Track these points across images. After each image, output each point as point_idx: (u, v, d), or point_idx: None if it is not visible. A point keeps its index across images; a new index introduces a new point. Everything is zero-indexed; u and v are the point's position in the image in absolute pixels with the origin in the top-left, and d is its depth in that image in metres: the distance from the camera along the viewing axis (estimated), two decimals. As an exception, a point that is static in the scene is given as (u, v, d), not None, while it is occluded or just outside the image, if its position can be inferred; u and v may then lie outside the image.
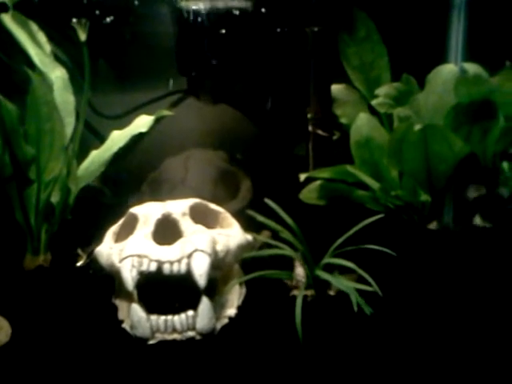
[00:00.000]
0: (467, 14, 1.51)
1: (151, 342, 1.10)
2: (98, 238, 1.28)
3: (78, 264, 1.41)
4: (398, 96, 1.36)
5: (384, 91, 1.38)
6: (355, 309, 1.07)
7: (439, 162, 1.26)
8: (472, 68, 1.41)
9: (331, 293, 1.23)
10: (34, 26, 1.42)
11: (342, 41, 1.47)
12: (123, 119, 1.62)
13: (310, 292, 1.21)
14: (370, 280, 1.12)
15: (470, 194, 1.29)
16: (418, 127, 1.18)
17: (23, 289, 1.32)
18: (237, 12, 1.55)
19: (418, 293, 1.24)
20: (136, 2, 1.52)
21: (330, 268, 1.21)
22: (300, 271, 1.25)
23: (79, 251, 1.44)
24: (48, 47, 1.42)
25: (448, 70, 1.40)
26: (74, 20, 1.21)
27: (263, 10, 1.56)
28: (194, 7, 1.55)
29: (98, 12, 1.52)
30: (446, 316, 1.16)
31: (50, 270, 1.40)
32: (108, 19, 1.55)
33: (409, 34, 1.56)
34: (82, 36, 1.24)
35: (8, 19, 1.39)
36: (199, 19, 1.56)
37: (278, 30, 1.59)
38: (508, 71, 1.32)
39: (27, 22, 1.41)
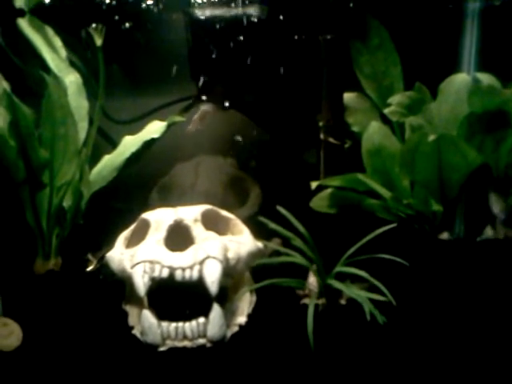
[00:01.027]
0: (480, 23, 1.51)
1: (161, 349, 1.10)
2: (108, 242, 1.28)
3: (89, 269, 1.42)
4: (411, 105, 1.36)
5: (397, 100, 1.38)
6: (368, 318, 1.06)
7: (452, 172, 1.26)
8: (485, 78, 1.41)
9: (342, 301, 1.22)
10: (50, 31, 1.43)
11: (355, 49, 1.47)
12: (134, 124, 1.62)
13: (321, 301, 1.21)
14: (384, 289, 1.11)
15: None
16: (431, 138, 1.18)
17: (34, 293, 1.33)
18: (249, 19, 1.56)
19: (429, 302, 1.23)
20: (149, 8, 1.53)
21: (341, 276, 1.20)
22: (313, 280, 1.25)
23: (89, 256, 1.44)
24: (63, 52, 1.43)
25: (461, 80, 1.41)
26: (93, 25, 1.21)
27: (276, 17, 1.56)
28: (206, 14, 1.56)
29: (111, 17, 1.53)
30: (457, 326, 1.16)
31: (61, 274, 1.40)
32: (121, 25, 1.55)
33: (422, 42, 1.55)
34: (98, 41, 1.24)
35: (25, 24, 1.40)
36: (212, 26, 1.57)
37: (291, 37, 1.59)
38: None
39: (43, 26, 1.42)
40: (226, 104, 1.66)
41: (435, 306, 1.22)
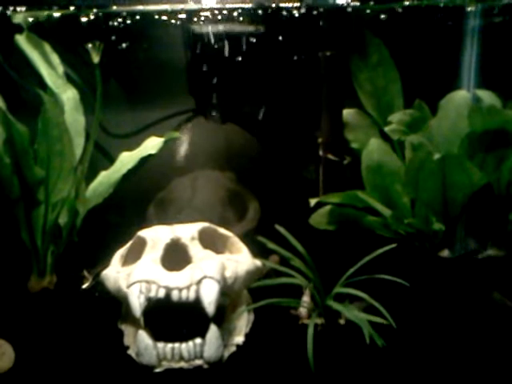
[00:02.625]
0: (480, 40, 1.51)
1: (157, 370, 1.08)
2: (104, 259, 1.26)
3: (84, 286, 1.40)
4: (411, 122, 1.35)
5: (397, 118, 1.37)
6: (367, 341, 1.05)
7: (456, 191, 1.25)
8: (485, 95, 1.41)
9: (341, 321, 1.21)
10: (48, 48, 1.42)
11: (355, 65, 1.47)
12: (132, 138, 1.62)
13: (320, 321, 1.19)
14: (383, 311, 1.10)
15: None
16: (437, 156, 1.17)
17: (27, 312, 1.30)
18: (248, 35, 1.56)
19: (430, 320, 1.22)
20: (147, 24, 1.53)
21: (340, 296, 1.19)
22: (306, 299, 1.23)
23: (85, 273, 1.42)
24: (61, 68, 1.42)
25: (460, 97, 1.40)
26: (90, 45, 1.21)
27: (275, 33, 1.56)
28: (205, 30, 1.56)
29: (109, 33, 1.52)
30: (457, 346, 1.14)
31: (55, 292, 1.38)
32: (119, 40, 1.55)
33: (421, 59, 1.55)
34: (96, 58, 1.24)
35: (22, 40, 1.40)
36: (211, 41, 1.57)
37: (291, 53, 1.59)
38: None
39: (41, 43, 1.42)
40: (225, 118, 1.66)
41: (436, 325, 1.20)
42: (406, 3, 1.43)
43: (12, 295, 1.36)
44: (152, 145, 1.46)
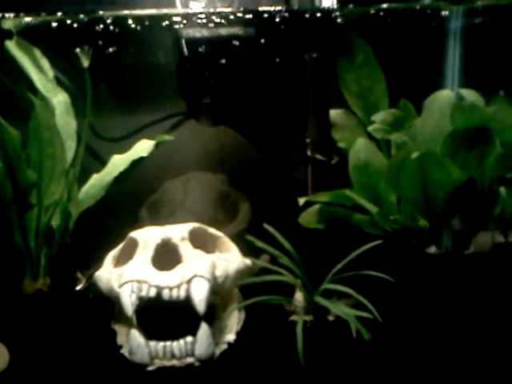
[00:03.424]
0: (463, 40, 1.54)
1: (150, 368, 1.10)
2: (97, 261, 1.28)
3: (78, 288, 1.41)
4: (395, 122, 1.38)
5: (380, 117, 1.39)
6: (354, 335, 1.07)
7: (437, 188, 1.27)
8: (468, 94, 1.43)
9: (330, 318, 1.23)
10: (38, 53, 1.43)
11: (341, 67, 1.49)
12: (124, 142, 1.63)
13: (308, 317, 1.21)
14: (371, 307, 1.12)
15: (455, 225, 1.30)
16: (415, 155, 1.20)
17: (22, 314, 1.32)
18: (237, 38, 1.58)
19: (416, 317, 1.24)
20: (137, 28, 1.54)
21: (328, 293, 1.21)
22: (299, 296, 1.25)
23: (79, 275, 1.44)
24: (51, 73, 1.43)
25: (444, 96, 1.42)
26: (78, 49, 1.22)
27: (263, 35, 1.58)
28: (194, 33, 1.58)
29: (99, 36, 1.54)
30: (444, 340, 1.16)
31: (49, 294, 1.40)
32: (109, 44, 1.57)
33: (406, 60, 1.57)
34: (85, 62, 1.26)
35: (12, 45, 1.41)
36: (200, 45, 1.59)
37: (278, 55, 1.61)
38: (502, 99, 1.34)
39: (31, 48, 1.43)
40: (216, 121, 1.68)
41: (423, 321, 1.22)
42: (384, 6, 1.45)
43: (6, 297, 1.37)
44: (143, 147, 1.48)
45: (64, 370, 1.12)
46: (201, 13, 1.49)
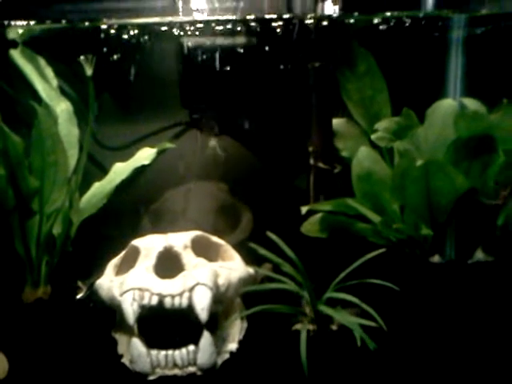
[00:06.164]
0: (465, 49, 1.54)
1: (151, 378, 1.08)
2: (98, 269, 1.27)
3: (78, 296, 1.40)
4: (398, 130, 1.38)
5: (383, 125, 1.39)
6: (359, 344, 1.06)
7: (441, 196, 1.27)
8: (471, 103, 1.43)
9: (333, 327, 1.22)
10: (42, 62, 1.45)
11: (343, 76, 1.49)
12: (126, 151, 1.63)
13: (312, 326, 1.20)
14: (375, 315, 1.11)
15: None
16: (419, 163, 1.20)
17: (22, 322, 1.31)
18: (239, 47, 1.59)
19: (420, 326, 1.23)
20: (140, 37, 1.55)
21: (332, 301, 1.20)
22: (304, 305, 1.24)
23: (79, 283, 1.43)
24: (55, 82, 1.44)
25: (447, 105, 1.43)
26: (82, 57, 1.23)
27: (265, 44, 1.59)
28: (197, 42, 1.59)
29: (102, 45, 1.55)
30: (449, 349, 1.15)
31: (50, 302, 1.39)
32: (112, 53, 1.58)
33: (409, 69, 1.58)
34: (89, 71, 1.27)
35: (17, 54, 1.42)
36: (202, 54, 1.60)
37: (281, 65, 1.62)
38: (506, 108, 1.34)
39: (35, 57, 1.44)
40: (218, 130, 1.68)
41: (428, 330, 1.21)
42: (388, 14, 1.46)
43: (6, 306, 1.36)
44: (145, 156, 1.48)
45: (64, 379, 1.11)
46: (204, 21, 1.50)
